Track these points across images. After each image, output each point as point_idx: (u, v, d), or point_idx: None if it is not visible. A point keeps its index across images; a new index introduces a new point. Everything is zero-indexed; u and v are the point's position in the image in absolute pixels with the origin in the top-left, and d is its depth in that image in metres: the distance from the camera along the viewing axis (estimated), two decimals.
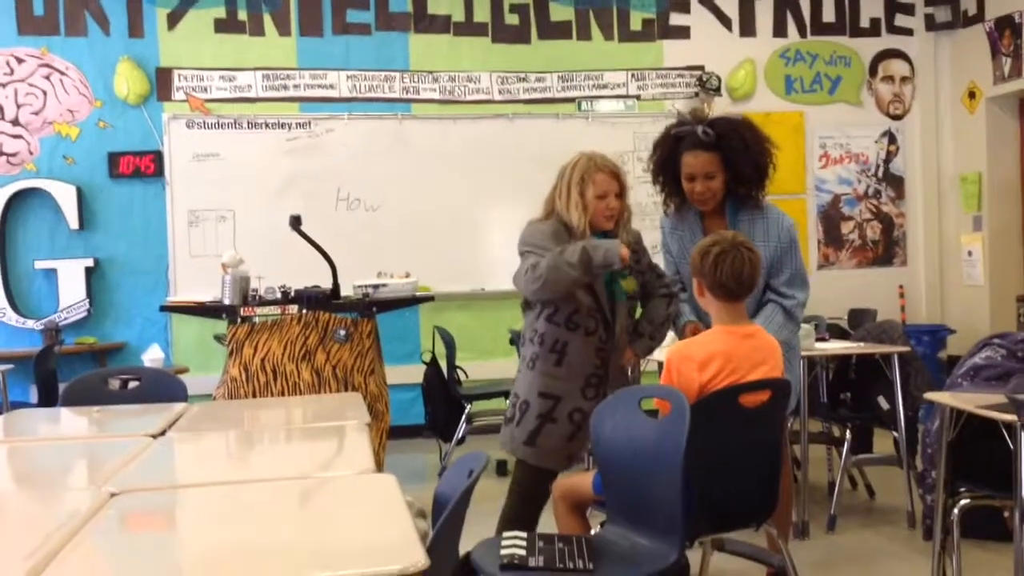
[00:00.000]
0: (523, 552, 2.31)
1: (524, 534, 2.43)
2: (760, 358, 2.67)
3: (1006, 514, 3.31)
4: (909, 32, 7.42)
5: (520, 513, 3.17)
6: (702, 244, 2.74)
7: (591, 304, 3.15)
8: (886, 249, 7.44)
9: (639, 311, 3.39)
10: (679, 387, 2.56)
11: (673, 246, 3.46)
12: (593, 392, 3.14)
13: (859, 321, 6.15)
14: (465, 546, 2.46)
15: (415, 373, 5.81)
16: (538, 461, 3.17)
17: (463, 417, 5.51)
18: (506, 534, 2.46)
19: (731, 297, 2.68)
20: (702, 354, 2.63)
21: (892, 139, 7.44)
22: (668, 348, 2.77)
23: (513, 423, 3.22)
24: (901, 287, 7.39)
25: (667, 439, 2.32)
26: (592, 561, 2.29)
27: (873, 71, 7.42)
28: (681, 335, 3.34)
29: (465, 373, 5.88)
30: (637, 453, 2.45)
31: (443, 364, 5.70)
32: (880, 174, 7.43)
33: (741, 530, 2.72)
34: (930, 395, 3.20)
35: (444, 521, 1.65)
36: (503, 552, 2.31)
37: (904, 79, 7.45)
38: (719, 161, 3.23)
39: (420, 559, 1.42)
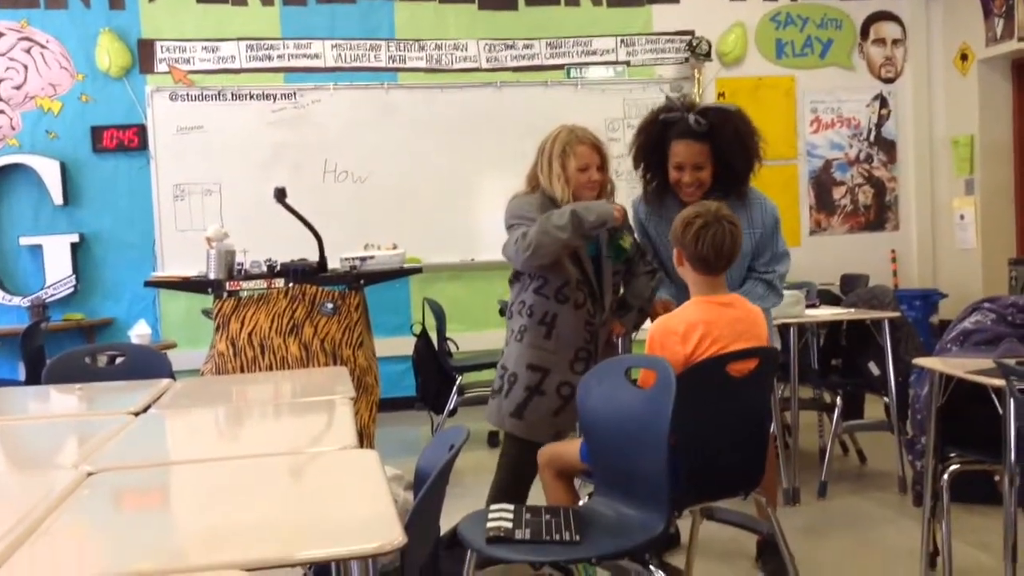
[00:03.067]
0: (510, 525, 2.29)
1: (511, 507, 2.41)
2: (743, 328, 2.64)
3: (997, 478, 3.31)
4: None
5: (509, 486, 3.16)
6: (684, 214, 2.70)
7: (579, 276, 3.12)
8: (878, 214, 7.41)
9: (621, 289, 3.36)
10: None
11: (650, 229, 3.41)
12: (582, 366, 3.11)
13: (851, 287, 6.13)
14: (456, 518, 2.46)
15: (406, 345, 5.78)
16: (525, 434, 3.15)
17: (454, 389, 5.49)
18: (493, 507, 2.44)
19: (710, 270, 2.66)
20: (683, 326, 2.60)
21: (884, 103, 7.38)
22: (653, 324, 2.73)
23: (501, 395, 3.19)
24: (893, 252, 7.37)
25: (653, 409, 2.29)
26: (579, 532, 2.27)
27: (864, 34, 7.34)
28: (652, 312, 3.30)
29: (456, 344, 5.85)
30: (623, 423, 2.42)
31: (433, 336, 5.67)
32: (872, 138, 7.38)
33: (729, 499, 2.70)
34: (919, 360, 3.18)
35: (423, 497, 1.63)
36: (489, 525, 2.29)
37: (896, 42, 7.37)
38: (709, 152, 3.18)
39: (397, 536, 1.39)
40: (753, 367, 2.58)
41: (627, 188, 5.45)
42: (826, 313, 4.52)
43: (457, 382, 5.50)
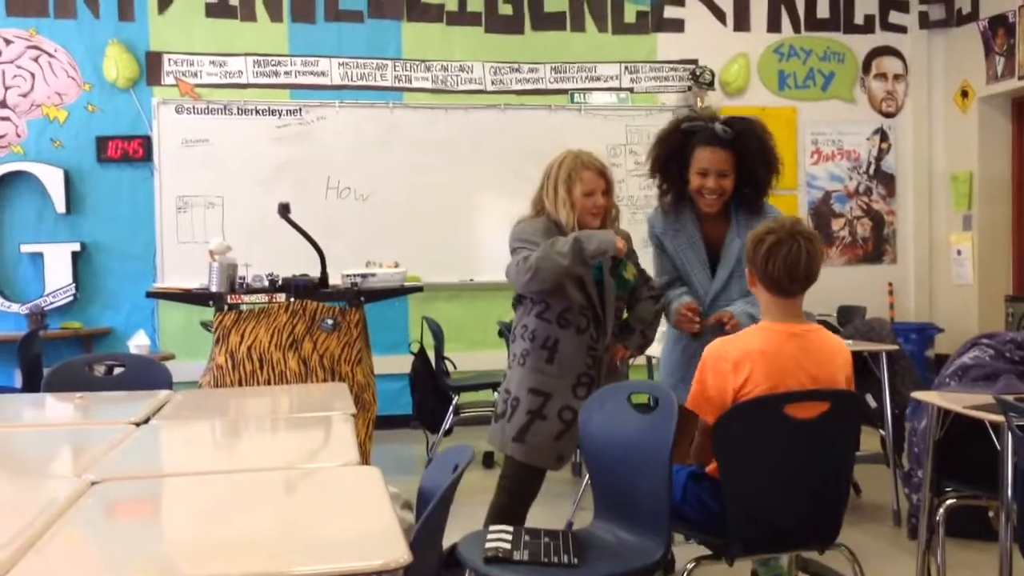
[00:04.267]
0: (508, 546, 2.30)
1: (510, 528, 2.42)
2: (812, 363, 2.41)
3: (991, 514, 3.31)
4: (903, 29, 7.40)
5: (508, 509, 3.15)
6: (757, 232, 2.50)
7: (582, 302, 3.13)
8: (876, 246, 7.44)
9: (624, 314, 3.37)
10: (713, 389, 2.40)
11: (667, 243, 3.35)
12: (584, 391, 3.11)
13: (848, 318, 6.15)
14: (450, 538, 2.45)
15: (403, 363, 5.78)
16: (526, 458, 3.15)
17: (451, 408, 5.49)
18: (492, 528, 2.45)
19: (782, 292, 2.43)
20: (737, 353, 2.39)
21: (884, 136, 7.43)
22: (708, 346, 2.52)
23: (504, 419, 3.19)
24: (890, 285, 7.40)
25: (654, 436, 2.30)
26: (577, 556, 2.28)
27: (866, 68, 7.40)
28: (674, 318, 3.23)
29: (453, 364, 5.85)
30: (625, 448, 2.42)
31: (431, 355, 5.68)
32: (871, 171, 7.43)
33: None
34: (918, 394, 3.19)
35: (428, 516, 1.63)
36: (488, 546, 2.30)
37: (897, 77, 7.44)
38: (734, 160, 3.16)
39: (403, 554, 1.40)
40: (822, 411, 2.36)
41: (627, 213, 5.50)
42: None
43: (454, 402, 5.50)
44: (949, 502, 3.02)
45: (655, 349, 4.61)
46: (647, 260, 3.45)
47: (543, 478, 3.23)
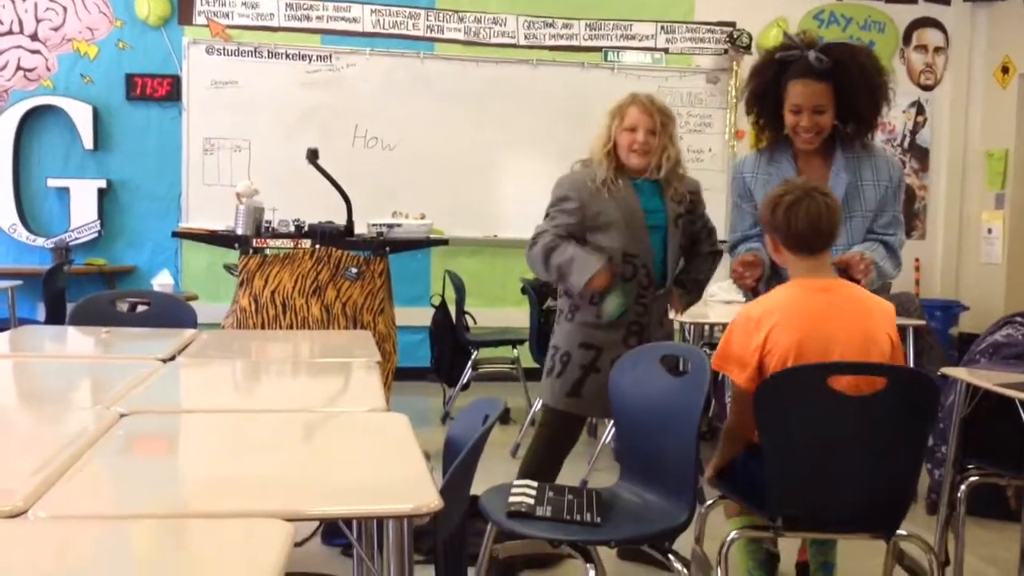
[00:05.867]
0: (531, 501, 2.29)
1: (535, 483, 2.41)
2: (842, 319, 2.32)
3: (1009, 493, 3.30)
4: (946, 1, 7.24)
5: (545, 460, 3.15)
6: (770, 196, 2.46)
7: (624, 248, 3.05)
8: (905, 221, 7.32)
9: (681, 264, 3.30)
10: (736, 346, 2.36)
11: (757, 190, 2.94)
12: (636, 340, 3.06)
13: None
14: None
15: (423, 316, 5.79)
16: (583, 411, 3.16)
17: (469, 363, 5.49)
18: (516, 482, 2.44)
19: (809, 250, 2.38)
20: (759, 311, 2.36)
21: (920, 110, 7.31)
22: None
23: (554, 375, 3.17)
24: (917, 260, 7.31)
25: (684, 397, 2.28)
26: (600, 515, 2.27)
27: (907, 39, 7.26)
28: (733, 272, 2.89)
29: (473, 319, 5.85)
30: (653, 409, 2.40)
31: (452, 309, 5.67)
32: (905, 144, 7.32)
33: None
34: (947, 370, 3.16)
35: (459, 465, 1.63)
36: (512, 500, 2.29)
37: (937, 49, 7.29)
38: (831, 93, 2.80)
39: (434, 500, 1.40)
40: (877, 388, 2.23)
41: None
42: None
43: (472, 356, 5.50)
44: (972, 479, 3.00)
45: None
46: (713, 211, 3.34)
47: (583, 427, 3.24)
